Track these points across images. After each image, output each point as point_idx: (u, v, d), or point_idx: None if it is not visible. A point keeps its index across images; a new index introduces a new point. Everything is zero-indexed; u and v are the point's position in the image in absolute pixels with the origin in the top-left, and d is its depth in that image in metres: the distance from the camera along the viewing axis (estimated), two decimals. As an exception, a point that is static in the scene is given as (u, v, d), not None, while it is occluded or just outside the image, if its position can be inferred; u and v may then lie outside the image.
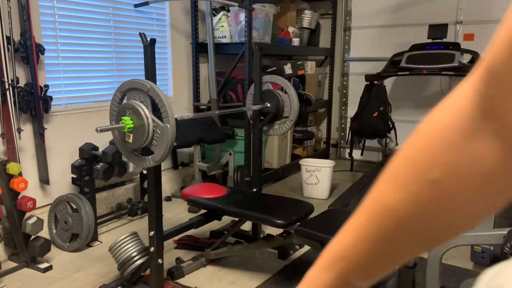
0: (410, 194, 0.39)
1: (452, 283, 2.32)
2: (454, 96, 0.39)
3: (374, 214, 0.42)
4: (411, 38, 4.28)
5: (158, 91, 1.75)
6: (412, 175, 0.39)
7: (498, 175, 0.36)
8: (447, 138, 0.37)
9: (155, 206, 2.04)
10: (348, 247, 0.45)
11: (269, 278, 2.42)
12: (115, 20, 3.33)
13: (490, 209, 0.39)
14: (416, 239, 0.41)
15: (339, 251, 0.46)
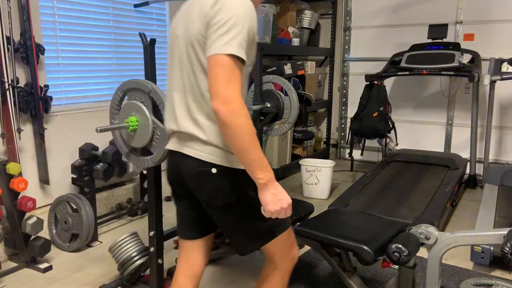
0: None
1: (452, 283, 2.32)
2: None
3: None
4: (411, 38, 4.29)
5: (159, 92, 1.75)
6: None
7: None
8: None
9: (155, 206, 2.04)
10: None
11: (269, 278, 2.42)
12: (115, 20, 3.33)
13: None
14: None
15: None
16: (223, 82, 1.22)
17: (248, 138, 1.23)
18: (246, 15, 1.28)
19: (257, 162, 1.26)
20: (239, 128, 1.22)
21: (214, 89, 1.23)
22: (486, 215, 2.91)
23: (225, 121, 1.22)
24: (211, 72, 1.25)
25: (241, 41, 1.25)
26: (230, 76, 1.23)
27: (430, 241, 1.72)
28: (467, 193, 3.92)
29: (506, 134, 4.24)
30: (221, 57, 1.23)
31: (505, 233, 1.54)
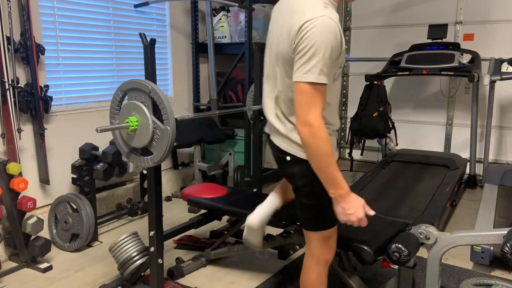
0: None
1: (452, 283, 2.32)
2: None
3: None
4: (411, 38, 4.28)
5: (159, 93, 1.75)
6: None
7: None
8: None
9: (155, 206, 2.04)
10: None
11: (269, 278, 2.42)
12: (115, 20, 3.34)
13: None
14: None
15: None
16: (304, 108, 1.43)
17: (323, 158, 1.45)
18: (327, 40, 1.40)
19: (331, 180, 1.48)
20: (316, 149, 1.44)
21: (297, 113, 1.46)
22: (486, 215, 2.91)
23: (305, 142, 1.46)
24: (295, 97, 1.46)
25: (322, 67, 1.40)
26: (310, 102, 1.42)
27: (430, 241, 1.72)
28: (467, 193, 3.92)
29: (506, 134, 4.24)
30: (302, 85, 1.42)
31: (504, 233, 1.54)
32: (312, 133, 1.42)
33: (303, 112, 1.43)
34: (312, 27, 1.40)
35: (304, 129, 1.43)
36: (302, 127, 1.44)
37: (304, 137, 1.45)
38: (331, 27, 1.41)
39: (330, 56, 1.41)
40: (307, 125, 1.42)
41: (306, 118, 1.42)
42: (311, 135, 1.43)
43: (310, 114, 1.42)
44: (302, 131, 1.44)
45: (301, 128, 1.44)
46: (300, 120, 1.44)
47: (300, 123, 1.44)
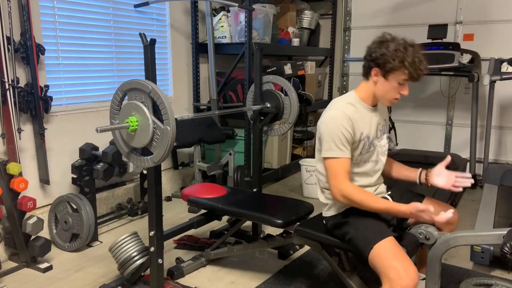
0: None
1: (452, 283, 2.32)
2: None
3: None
4: (411, 38, 4.28)
5: (159, 93, 1.75)
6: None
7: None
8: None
9: (155, 206, 2.04)
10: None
11: (269, 278, 2.42)
12: (115, 20, 3.34)
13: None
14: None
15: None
16: (331, 178, 1.78)
17: (366, 205, 1.74)
18: (331, 128, 1.77)
19: (385, 211, 1.75)
20: (355, 203, 1.75)
21: (328, 183, 1.81)
22: (485, 215, 2.91)
23: (343, 202, 1.78)
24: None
25: (332, 145, 1.75)
26: (334, 173, 1.77)
27: (430, 241, 1.72)
28: (467, 193, 3.92)
29: (506, 134, 4.24)
30: (325, 161, 1.80)
31: (504, 233, 1.54)
32: (344, 196, 1.75)
33: (332, 182, 1.79)
34: (320, 121, 1.85)
35: (336, 195, 1.79)
36: (334, 194, 1.79)
37: (340, 200, 1.78)
38: (334, 119, 1.79)
39: (338, 138, 1.75)
40: (337, 192, 1.77)
41: (335, 186, 1.78)
42: (344, 198, 1.75)
43: (337, 183, 1.76)
44: (335, 197, 1.79)
45: (334, 195, 1.80)
46: (332, 188, 1.79)
47: (332, 191, 1.80)
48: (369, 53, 1.78)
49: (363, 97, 1.85)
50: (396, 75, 1.72)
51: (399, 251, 1.65)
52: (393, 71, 1.71)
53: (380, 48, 1.76)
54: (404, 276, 1.54)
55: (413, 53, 1.72)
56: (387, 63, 1.71)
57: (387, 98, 1.81)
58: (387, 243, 1.66)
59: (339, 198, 1.76)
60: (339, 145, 1.74)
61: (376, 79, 1.77)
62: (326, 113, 1.82)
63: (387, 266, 1.60)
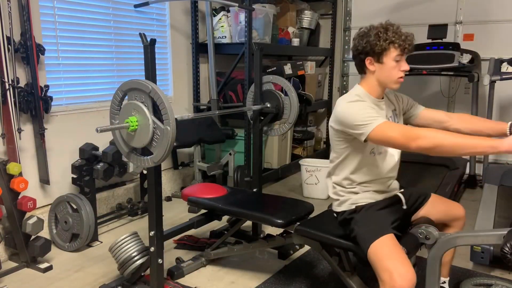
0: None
1: (452, 283, 2.32)
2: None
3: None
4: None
5: (159, 93, 1.75)
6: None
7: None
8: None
9: (155, 206, 2.04)
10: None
11: (269, 278, 2.42)
12: (115, 20, 3.34)
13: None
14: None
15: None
16: (399, 140, 1.61)
17: (457, 143, 1.50)
18: (355, 110, 1.72)
19: (477, 150, 1.49)
20: (444, 145, 1.52)
21: (404, 147, 1.65)
22: (486, 215, 2.91)
23: (434, 150, 1.56)
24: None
25: (367, 119, 1.66)
26: (396, 134, 1.61)
27: (430, 241, 1.72)
28: (467, 193, 3.92)
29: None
30: (373, 135, 1.65)
31: (504, 233, 1.54)
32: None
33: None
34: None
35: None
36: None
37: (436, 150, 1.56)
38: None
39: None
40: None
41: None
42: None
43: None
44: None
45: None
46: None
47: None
48: (355, 48, 1.81)
49: (369, 90, 1.83)
50: (388, 55, 1.73)
51: (396, 250, 1.62)
52: (384, 52, 1.72)
53: (363, 39, 1.77)
54: (397, 278, 1.52)
55: (394, 29, 1.72)
56: (375, 48, 1.72)
57: (392, 80, 1.79)
58: (385, 241, 1.65)
59: (426, 147, 1.54)
60: (373, 115, 1.64)
61: (373, 67, 1.77)
62: (339, 108, 1.75)
63: (381, 266, 1.58)
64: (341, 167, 1.90)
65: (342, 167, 1.89)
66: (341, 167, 1.90)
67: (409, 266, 1.56)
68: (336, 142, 1.86)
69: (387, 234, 1.68)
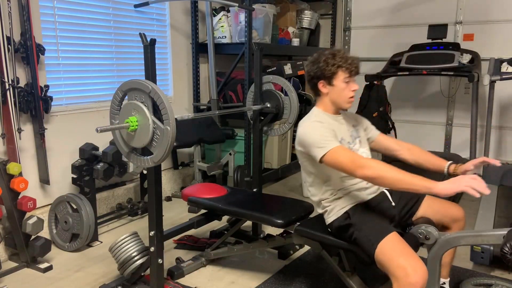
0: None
1: (452, 283, 2.32)
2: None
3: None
4: (411, 38, 4.28)
5: (159, 93, 1.75)
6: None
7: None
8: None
9: (155, 206, 2.04)
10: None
11: (269, 278, 2.42)
12: (115, 20, 3.34)
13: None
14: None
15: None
16: (347, 166, 1.74)
17: (399, 179, 1.65)
18: (312, 133, 1.85)
19: (413, 187, 1.62)
20: (387, 179, 1.67)
21: (349, 173, 1.79)
22: (486, 215, 2.91)
23: (376, 180, 1.73)
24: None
25: (322, 143, 1.79)
26: (345, 160, 1.74)
27: (430, 241, 1.72)
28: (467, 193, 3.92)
29: (506, 134, 4.24)
30: (326, 159, 1.79)
31: (504, 233, 1.54)
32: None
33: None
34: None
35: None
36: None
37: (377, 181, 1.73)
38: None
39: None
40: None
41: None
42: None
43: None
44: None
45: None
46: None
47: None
48: (308, 74, 1.96)
49: (325, 110, 1.97)
50: (338, 78, 1.88)
51: (404, 247, 1.65)
52: (334, 75, 1.88)
53: (314, 66, 1.92)
54: (411, 274, 1.54)
55: (340, 54, 1.90)
56: (325, 73, 1.88)
57: (344, 100, 1.92)
58: (390, 240, 1.67)
59: (368, 177, 1.68)
60: (328, 139, 1.78)
61: (325, 89, 1.93)
62: (300, 129, 1.89)
63: (393, 265, 1.60)
64: (316, 186, 1.98)
65: (317, 185, 1.97)
66: (316, 186, 1.98)
67: (421, 261, 1.60)
68: (305, 163, 1.97)
69: (391, 233, 1.69)
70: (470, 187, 1.51)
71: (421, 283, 1.54)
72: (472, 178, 1.55)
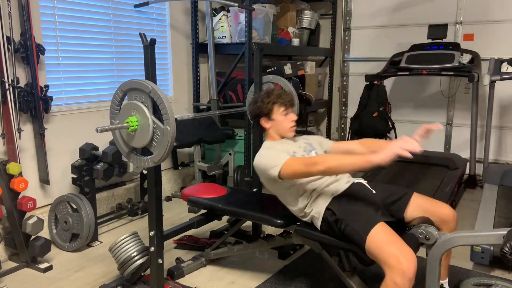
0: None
1: (452, 283, 2.32)
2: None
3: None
4: (411, 38, 4.28)
5: (159, 93, 1.75)
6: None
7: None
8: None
9: (155, 206, 2.04)
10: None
11: (269, 278, 2.42)
12: (115, 20, 3.34)
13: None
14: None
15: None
16: (303, 169, 1.89)
17: (344, 164, 1.80)
18: (265, 157, 2.04)
19: (357, 165, 1.78)
20: (334, 167, 1.82)
21: (308, 174, 1.94)
22: (486, 215, 2.91)
23: (328, 172, 1.91)
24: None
25: (274, 161, 1.94)
26: (298, 165, 1.90)
27: (430, 241, 1.72)
28: (467, 193, 3.93)
29: (506, 134, 4.24)
30: (284, 173, 1.92)
31: (504, 233, 1.54)
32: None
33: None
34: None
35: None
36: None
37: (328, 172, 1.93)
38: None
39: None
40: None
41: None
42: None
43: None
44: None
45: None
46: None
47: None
48: (251, 113, 2.19)
49: (272, 140, 2.17)
50: (275, 112, 2.12)
51: (392, 236, 1.68)
52: (271, 111, 2.11)
53: (253, 106, 2.16)
54: (403, 261, 1.57)
55: (274, 92, 2.14)
56: (263, 110, 2.11)
57: (286, 130, 2.14)
58: (379, 230, 1.70)
59: (322, 171, 1.83)
60: (278, 156, 1.93)
61: (268, 124, 2.15)
62: (254, 162, 2.07)
63: (385, 254, 1.63)
64: (293, 201, 2.04)
65: (293, 199, 2.04)
66: (293, 201, 2.04)
67: (410, 248, 1.64)
68: (273, 187, 2.09)
69: (378, 223, 1.72)
70: (401, 148, 1.63)
71: (413, 269, 1.57)
72: (402, 140, 1.68)
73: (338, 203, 1.90)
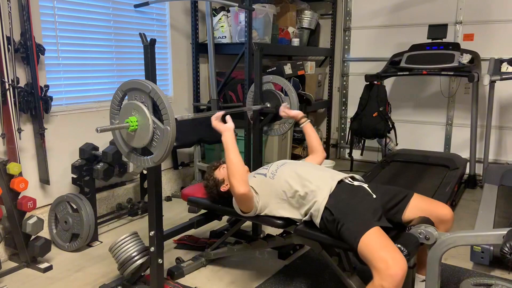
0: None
1: (452, 283, 2.33)
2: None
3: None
4: (411, 38, 4.29)
5: (159, 93, 1.75)
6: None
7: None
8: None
9: (155, 206, 2.04)
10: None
11: (269, 278, 2.42)
12: (115, 20, 3.34)
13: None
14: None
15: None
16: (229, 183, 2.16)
17: (232, 162, 2.08)
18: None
19: (230, 154, 2.11)
20: (232, 171, 2.08)
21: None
22: (485, 215, 2.91)
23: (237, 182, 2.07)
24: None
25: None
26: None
27: (430, 241, 1.72)
28: (467, 193, 3.93)
29: (506, 134, 4.24)
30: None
31: (504, 233, 1.54)
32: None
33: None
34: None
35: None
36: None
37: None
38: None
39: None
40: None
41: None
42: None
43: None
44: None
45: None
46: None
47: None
48: (209, 189, 2.36)
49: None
50: (218, 175, 2.33)
51: (385, 241, 1.67)
52: (217, 178, 2.32)
53: (209, 181, 2.35)
54: (392, 265, 1.57)
55: (207, 170, 2.44)
56: (218, 179, 2.31)
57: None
58: (373, 234, 1.69)
59: (231, 178, 2.06)
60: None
61: (225, 188, 2.28)
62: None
63: (375, 257, 1.62)
64: (288, 209, 2.08)
65: (274, 206, 2.12)
66: (288, 209, 2.08)
67: (401, 254, 1.63)
68: (263, 210, 2.16)
69: (373, 227, 1.71)
70: (213, 119, 2.23)
71: (401, 274, 1.56)
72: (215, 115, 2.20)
73: (336, 203, 1.89)
